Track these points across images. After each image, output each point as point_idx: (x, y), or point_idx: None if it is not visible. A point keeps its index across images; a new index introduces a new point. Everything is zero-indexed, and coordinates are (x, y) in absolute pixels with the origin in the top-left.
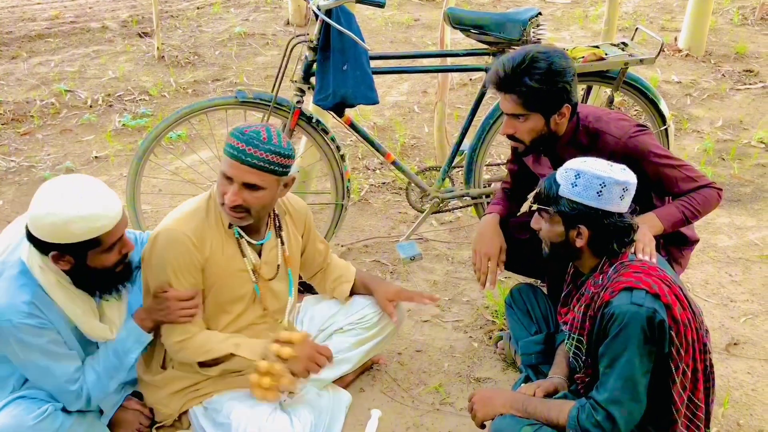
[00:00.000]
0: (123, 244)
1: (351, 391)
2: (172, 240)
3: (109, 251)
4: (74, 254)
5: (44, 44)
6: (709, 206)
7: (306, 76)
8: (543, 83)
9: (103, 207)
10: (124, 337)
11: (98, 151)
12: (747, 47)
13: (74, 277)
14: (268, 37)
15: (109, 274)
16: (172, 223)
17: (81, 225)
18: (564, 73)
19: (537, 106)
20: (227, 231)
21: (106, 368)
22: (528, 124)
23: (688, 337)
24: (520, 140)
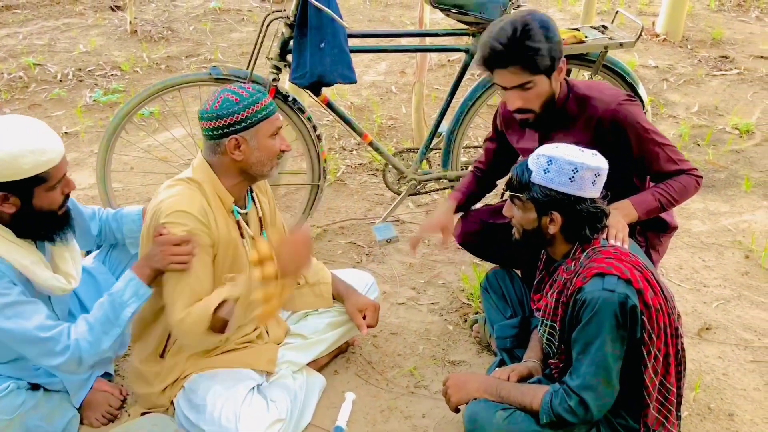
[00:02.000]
0: (66, 183)
1: (325, 373)
2: (182, 216)
3: (54, 189)
4: (21, 193)
5: (12, 15)
6: (686, 195)
7: (282, 53)
8: (543, 42)
9: (49, 140)
10: (122, 287)
11: (68, 127)
12: (723, 33)
13: (18, 223)
14: (244, 12)
15: (52, 217)
16: (175, 202)
17: (30, 159)
18: (551, 26)
19: (542, 67)
20: (228, 210)
21: (100, 320)
22: (536, 90)
23: (660, 323)
24: (530, 110)
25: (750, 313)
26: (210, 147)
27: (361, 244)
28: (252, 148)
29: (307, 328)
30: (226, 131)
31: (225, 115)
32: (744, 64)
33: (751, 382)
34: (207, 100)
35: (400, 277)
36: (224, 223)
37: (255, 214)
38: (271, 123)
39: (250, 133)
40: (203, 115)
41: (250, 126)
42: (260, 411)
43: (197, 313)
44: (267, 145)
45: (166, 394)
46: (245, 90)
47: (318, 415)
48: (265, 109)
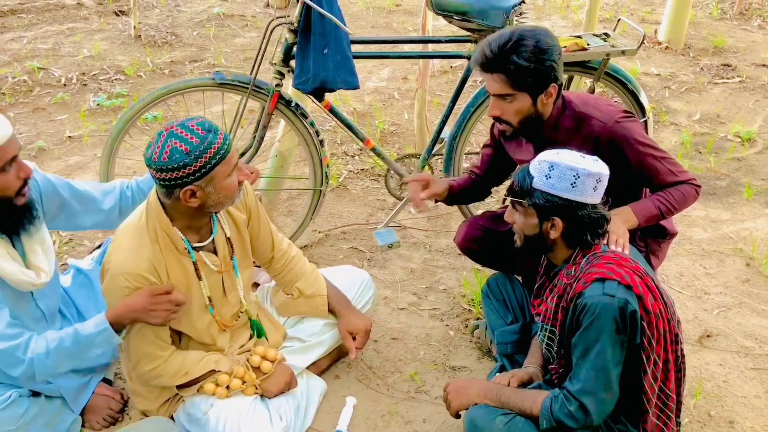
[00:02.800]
0: (19, 167)
1: (326, 378)
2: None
3: (5, 172)
4: None
5: (17, 20)
6: (686, 203)
7: (286, 58)
8: (530, 61)
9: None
10: (93, 332)
11: (72, 130)
12: (725, 41)
13: None
14: (248, 18)
15: (9, 206)
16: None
17: None
18: (551, 51)
19: (524, 86)
20: (182, 252)
21: (63, 351)
22: (515, 105)
23: (659, 328)
24: (507, 122)
25: (751, 321)
26: (162, 192)
27: (363, 249)
28: (208, 193)
29: (305, 330)
30: (178, 183)
31: (175, 168)
32: (746, 73)
33: (752, 390)
34: (153, 145)
35: (401, 283)
36: (178, 266)
37: (222, 239)
38: (227, 164)
39: (205, 181)
40: (151, 164)
41: (205, 175)
42: (263, 423)
43: (175, 370)
44: (225, 185)
45: (164, 409)
46: (195, 134)
47: (319, 419)
48: (219, 152)
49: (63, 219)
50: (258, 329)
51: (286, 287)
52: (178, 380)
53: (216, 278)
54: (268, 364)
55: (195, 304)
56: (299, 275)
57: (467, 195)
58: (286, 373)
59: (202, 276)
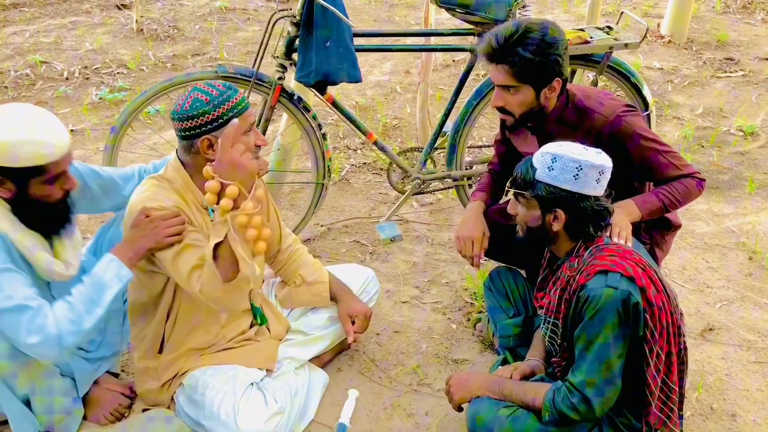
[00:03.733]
0: (66, 180)
1: (329, 370)
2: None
3: (52, 183)
4: (16, 181)
5: (19, 13)
6: (690, 197)
7: (288, 52)
8: (536, 54)
9: (53, 135)
10: (103, 268)
11: (74, 124)
12: (728, 35)
13: (15, 209)
14: (250, 12)
15: (49, 209)
16: (146, 198)
17: (28, 149)
18: (557, 45)
19: (528, 78)
20: (201, 205)
21: (81, 299)
22: (518, 97)
23: (662, 320)
24: (510, 113)
25: (753, 315)
26: (183, 147)
27: (365, 243)
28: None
29: (308, 324)
30: (197, 131)
31: (195, 115)
32: (749, 66)
33: (754, 383)
34: (178, 100)
35: (403, 276)
36: (200, 220)
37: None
38: (244, 119)
39: (222, 132)
40: (174, 115)
41: (222, 125)
42: (259, 405)
43: (205, 273)
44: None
45: (165, 389)
46: (215, 88)
47: (321, 411)
48: (237, 106)
49: (84, 203)
50: (260, 316)
51: (288, 279)
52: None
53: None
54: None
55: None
56: (301, 265)
57: (496, 195)
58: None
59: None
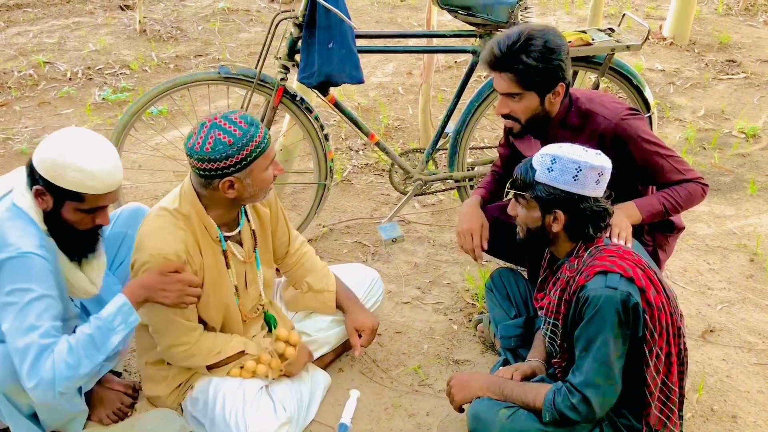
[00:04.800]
0: (101, 215)
1: (330, 371)
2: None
3: (86, 214)
4: (54, 198)
5: (23, 14)
6: (692, 202)
7: (291, 53)
8: (539, 61)
9: (105, 170)
10: (113, 313)
11: (77, 124)
12: (730, 37)
13: (47, 223)
14: (253, 13)
15: (76, 234)
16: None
17: (76, 175)
18: (559, 50)
19: (533, 85)
20: (214, 240)
21: (84, 343)
22: (523, 103)
23: (662, 321)
24: (515, 119)
25: (754, 316)
26: (200, 182)
27: (367, 244)
28: (246, 185)
29: (312, 326)
30: (219, 174)
31: (218, 159)
32: (751, 68)
33: (755, 385)
34: (195, 135)
35: (405, 277)
36: (210, 252)
37: (248, 231)
38: (266, 158)
39: (244, 173)
40: (193, 154)
41: (245, 167)
42: (268, 414)
43: (208, 349)
44: (261, 178)
45: (173, 396)
46: (238, 127)
47: (323, 412)
48: (260, 145)
49: None
50: (273, 322)
51: (296, 283)
52: (211, 360)
53: (240, 269)
54: (291, 350)
55: (222, 293)
56: (310, 270)
57: (496, 195)
58: (305, 353)
59: (231, 265)
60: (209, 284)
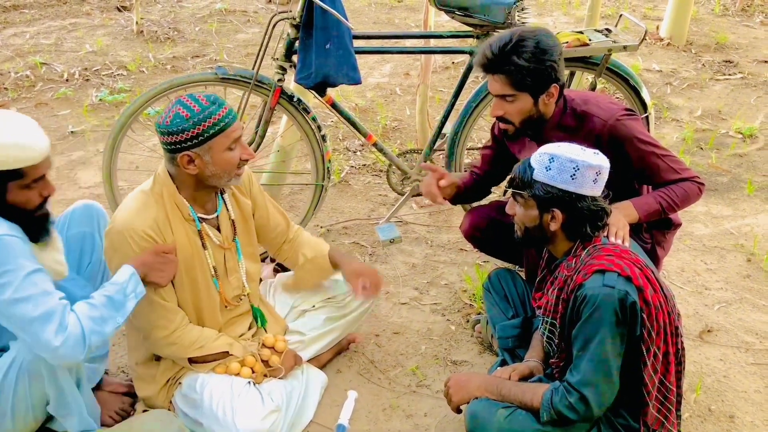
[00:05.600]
0: (45, 185)
1: (328, 371)
2: (126, 239)
3: (30, 188)
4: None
5: (19, 15)
6: (689, 201)
7: (288, 53)
8: (531, 62)
9: (31, 138)
10: (126, 279)
11: (74, 125)
12: (727, 38)
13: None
14: (250, 14)
15: (28, 217)
16: (126, 218)
17: (6, 153)
18: (551, 51)
19: (525, 86)
20: (187, 218)
21: (105, 303)
22: (517, 105)
23: (659, 320)
24: (510, 121)
25: (751, 316)
26: (168, 159)
27: (365, 245)
28: (206, 162)
29: (305, 324)
30: (177, 147)
31: (175, 131)
32: (748, 69)
33: (752, 385)
34: (162, 111)
35: (402, 278)
36: (183, 232)
37: (227, 218)
38: (227, 136)
39: (202, 149)
40: (157, 127)
41: (203, 142)
42: (255, 403)
43: (191, 341)
44: (223, 158)
45: (163, 394)
46: (198, 103)
47: (320, 412)
48: (218, 123)
49: None
50: (260, 317)
51: (293, 263)
52: (192, 352)
53: (218, 254)
54: (276, 358)
55: (199, 274)
56: (302, 245)
57: (470, 194)
58: (291, 359)
59: (207, 245)
60: (181, 263)
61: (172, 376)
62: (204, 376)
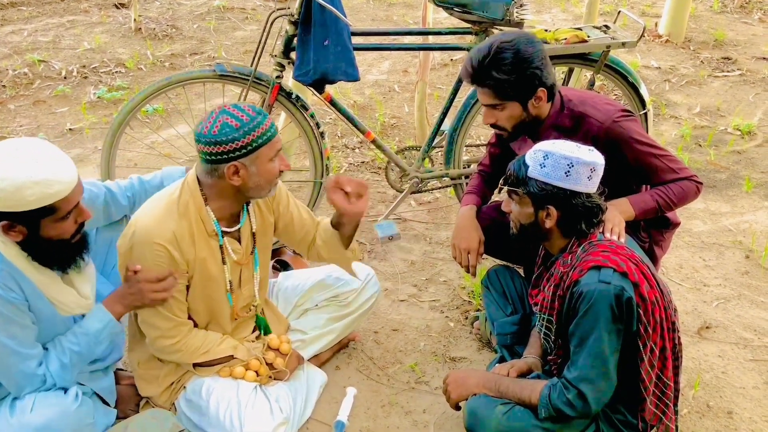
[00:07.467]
0: (79, 213)
1: (327, 368)
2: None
3: (65, 220)
4: (27, 224)
5: (17, 12)
6: (686, 199)
7: (286, 50)
8: (511, 74)
9: (59, 171)
10: (99, 328)
11: (72, 123)
12: (726, 35)
13: (28, 250)
14: (248, 11)
15: (64, 246)
16: (147, 228)
17: (35, 191)
18: (531, 59)
19: (510, 95)
20: (210, 234)
21: (73, 359)
22: (506, 113)
23: (656, 315)
24: (502, 128)
25: (750, 313)
26: (206, 169)
27: (363, 242)
28: (251, 173)
29: (307, 323)
30: (223, 157)
31: (224, 141)
32: (746, 66)
33: (750, 381)
34: (204, 121)
35: (401, 275)
36: (205, 245)
37: (248, 231)
38: (272, 147)
39: (249, 159)
40: (201, 138)
41: (250, 152)
42: (264, 414)
43: (196, 347)
44: (266, 169)
45: (165, 396)
46: (245, 113)
47: (319, 409)
48: (266, 133)
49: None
50: (264, 327)
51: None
52: (197, 358)
53: (236, 268)
54: (281, 360)
55: (212, 288)
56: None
57: (485, 196)
58: (295, 361)
59: (227, 261)
60: (199, 278)
61: (176, 379)
62: (209, 381)
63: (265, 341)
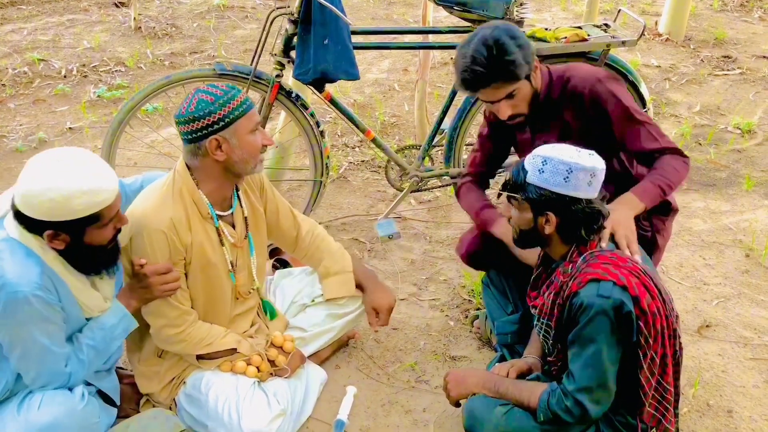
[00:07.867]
0: (118, 219)
1: (327, 367)
2: (149, 234)
3: (106, 227)
4: (71, 232)
5: (17, 11)
6: (681, 176)
7: (286, 49)
8: (516, 51)
9: (104, 180)
10: (115, 323)
11: (72, 122)
12: (726, 33)
13: (68, 257)
14: (248, 10)
15: (102, 252)
16: (144, 217)
17: (84, 200)
18: (517, 32)
19: (521, 75)
20: (205, 217)
21: (89, 355)
22: (521, 95)
23: (657, 326)
24: (521, 114)
25: (750, 311)
26: (190, 150)
27: (363, 241)
28: (233, 146)
29: (306, 320)
30: (204, 132)
31: (201, 116)
32: (746, 64)
33: (750, 379)
34: (181, 103)
35: (401, 273)
36: (201, 229)
37: (240, 215)
38: (250, 119)
39: (229, 132)
40: (179, 118)
41: (229, 124)
42: (262, 406)
43: (200, 338)
44: (248, 141)
45: (166, 392)
46: (218, 88)
47: (319, 408)
48: (242, 105)
49: None
50: (270, 310)
51: (314, 267)
52: (200, 349)
53: (232, 251)
54: (283, 358)
55: (212, 272)
56: (325, 254)
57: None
58: (298, 359)
59: (225, 242)
60: (198, 262)
61: (177, 374)
62: (209, 376)
63: (269, 338)
